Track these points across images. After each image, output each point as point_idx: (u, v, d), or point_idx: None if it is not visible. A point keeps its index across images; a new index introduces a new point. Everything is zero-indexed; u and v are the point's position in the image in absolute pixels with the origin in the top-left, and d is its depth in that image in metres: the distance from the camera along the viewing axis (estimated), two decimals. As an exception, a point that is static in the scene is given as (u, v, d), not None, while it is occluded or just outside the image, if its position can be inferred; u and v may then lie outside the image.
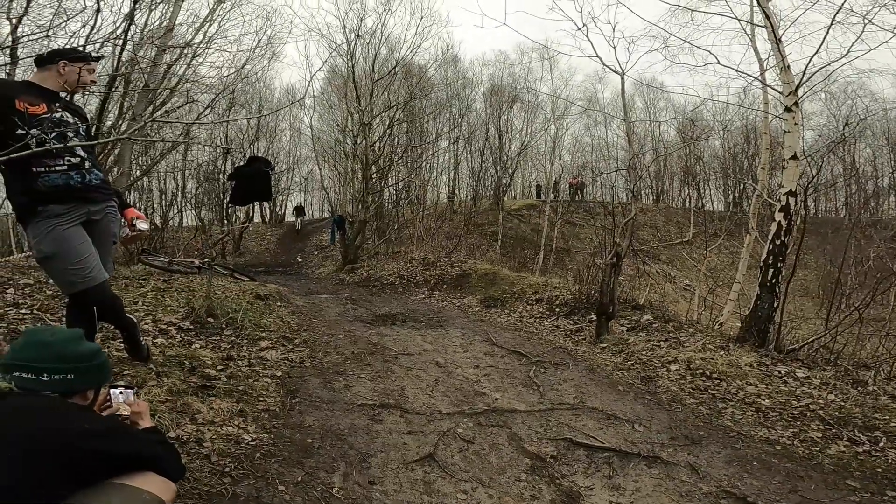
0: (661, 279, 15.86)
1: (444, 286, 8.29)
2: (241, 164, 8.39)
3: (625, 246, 5.82)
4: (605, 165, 26.71)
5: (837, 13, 5.09)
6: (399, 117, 12.41)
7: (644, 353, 4.53)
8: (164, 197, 15.92)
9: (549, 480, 2.28)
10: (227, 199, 12.46)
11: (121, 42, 5.43)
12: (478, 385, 3.47)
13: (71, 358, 1.29)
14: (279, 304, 5.93)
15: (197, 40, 6.54)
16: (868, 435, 2.91)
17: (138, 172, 9.79)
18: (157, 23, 6.22)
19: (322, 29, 11.98)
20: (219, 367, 3.20)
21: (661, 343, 4.84)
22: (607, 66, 6.54)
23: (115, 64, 5.86)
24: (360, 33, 10.65)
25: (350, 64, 10.75)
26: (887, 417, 3.15)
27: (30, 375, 1.24)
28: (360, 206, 11.58)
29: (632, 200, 10.51)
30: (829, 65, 5.67)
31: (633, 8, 6.03)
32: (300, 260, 16.12)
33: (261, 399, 2.77)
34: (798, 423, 3.09)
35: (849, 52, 5.28)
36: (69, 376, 1.28)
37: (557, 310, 6.36)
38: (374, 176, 11.73)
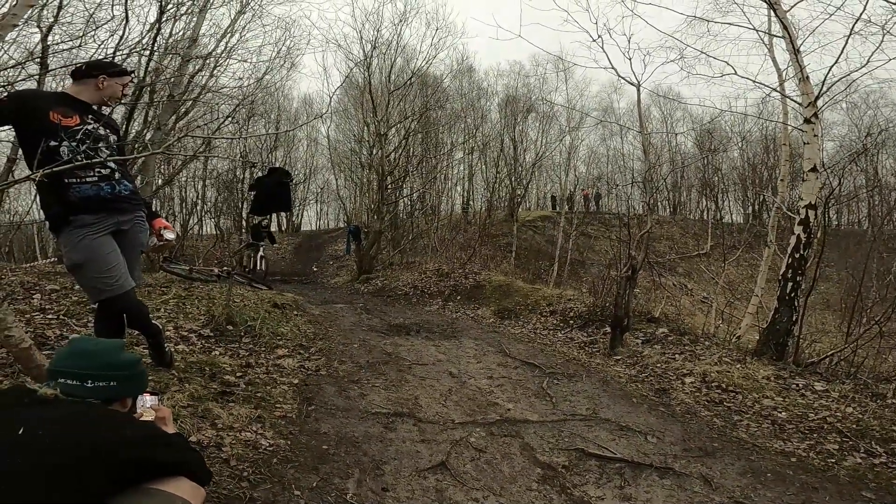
0: (678, 292, 15.66)
1: (458, 297, 8.31)
2: (262, 174, 8.60)
3: (640, 258, 5.80)
4: (621, 177, 26.59)
5: (856, 23, 5.06)
6: (414, 128, 12.56)
7: (659, 365, 4.50)
8: (184, 205, 16.29)
9: (561, 490, 2.29)
10: (248, 209, 12.68)
11: (148, 52, 5.63)
12: (491, 395, 3.49)
13: (114, 366, 1.36)
14: (296, 312, 6.02)
15: (219, 50, 6.76)
16: (885, 447, 2.88)
17: (160, 181, 10.05)
18: (182, 33, 6.44)
19: (339, 40, 12.25)
20: (238, 374, 3.28)
21: (677, 356, 4.80)
22: (623, 78, 6.61)
23: (142, 74, 6.07)
24: (376, 44, 10.87)
25: (367, 75, 10.95)
26: None
27: (74, 382, 1.29)
28: (375, 217, 11.71)
29: (647, 212, 10.43)
30: (848, 75, 5.63)
31: (649, 20, 6.08)
32: (316, 269, 16.29)
33: (278, 406, 2.84)
34: (815, 435, 3.06)
35: (868, 61, 5.24)
36: (112, 384, 1.34)
37: (571, 322, 6.34)
38: (389, 186, 11.85)
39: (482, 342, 5.21)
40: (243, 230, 17.20)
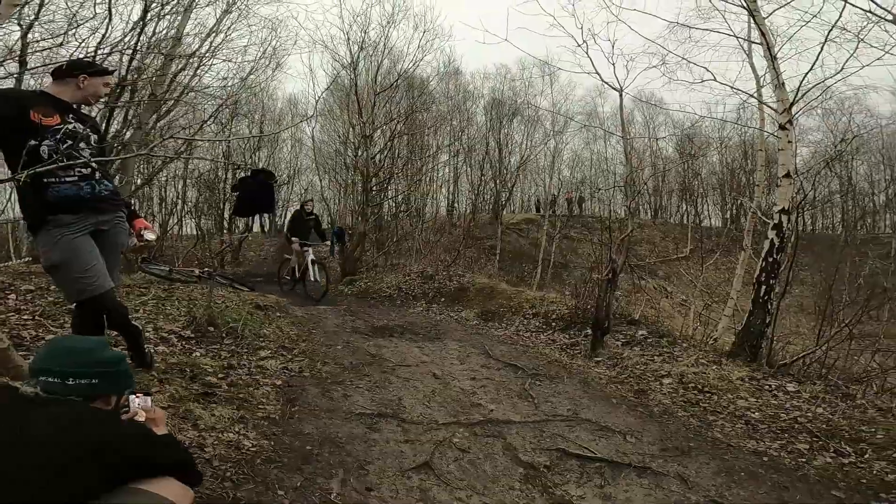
0: (658, 294, 15.94)
1: (442, 299, 8.34)
2: (245, 175, 8.47)
3: (620, 262, 5.91)
4: (604, 180, 26.95)
5: (831, 30, 5.20)
6: (400, 130, 12.55)
7: (638, 367, 4.58)
8: (163, 205, 16.01)
9: (542, 489, 2.33)
10: (231, 210, 12.45)
11: (130, 51, 5.54)
12: (474, 396, 3.53)
13: (96, 363, 1.35)
14: (278, 314, 5.98)
15: (203, 50, 6.68)
16: (854, 447, 2.97)
17: (139, 181, 9.88)
18: (165, 31, 6.36)
19: (326, 41, 12.20)
20: (219, 375, 3.26)
21: (655, 357, 4.90)
22: (606, 83, 6.74)
23: (123, 73, 5.97)
24: (363, 46, 10.83)
25: (353, 76, 10.92)
26: (874, 430, 3.21)
27: (55, 380, 1.29)
28: (359, 218, 11.68)
29: (629, 216, 10.62)
30: (823, 81, 5.79)
31: (633, 25, 6.21)
32: (299, 271, 16.13)
33: (261, 407, 2.83)
34: (786, 435, 3.15)
35: (843, 68, 5.38)
36: (93, 381, 1.33)
37: (554, 324, 6.42)
38: (374, 188, 11.83)
39: (466, 344, 5.24)
40: (225, 230, 16.99)
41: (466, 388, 3.70)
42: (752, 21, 5.88)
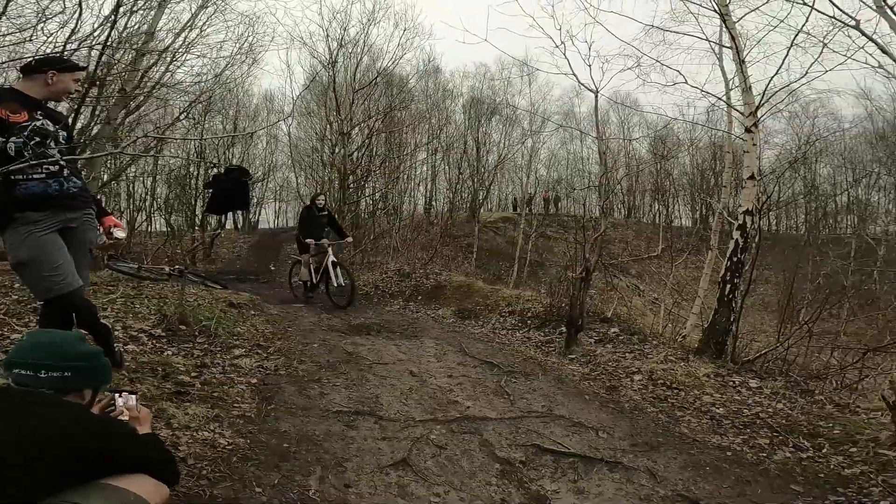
0: (630, 293, 16.30)
1: (419, 297, 8.36)
2: (219, 171, 8.27)
3: (594, 261, 6.04)
4: (580, 180, 27.36)
5: (797, 36, 5.39)
6: (378, 127, 12.50)
7: (610, 364, 4.70)
8: (132, 201, 15.54)
9: (518, 484, 2.39)
10: (204, 207, 12.13)
11: (100, 46, 5.37)
12: (451, 394, 3.57)
13: (69, 357, 1.34)
14: (253, 312, 5.92)
15: (176, 45, 6.52)
16: (812, 442, 3.10)
17: (106, 177, 9.57)
18: (137, 27, 6.18)
19: (305, 37, 12.02)
20: (193, 374, 3.23)
21: (627, 355, 5.03)
22: (582, 84, 6.86)
23: (94, 68, 5.77)
24: (342, 43, 10.74)
25: (331, 73, 10.81)
26: (831, 425, 3.36)
27: (27, 372, 1.28)
28: (336, 215, 11.58)
29: (602, 216, 10.83)
30: (788, 85, 6.01)
31: (610, 28, 6.33)
32: (274, 268, 15.91)
33: (236, 405, 2.82)
34: (748, 430, 3.28)
35: (807, 73, 5.58)
36: (66, 374, 1.32)
37: (529, 322, 6.51)
38: (351, 185, 11.76)
39: (442, 342, 5.28)
40: (196, 227, 16.59)
41: (443, 386, 3.74)
42: (723, 25, 6.05)
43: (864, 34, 3.26)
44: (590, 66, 6.67)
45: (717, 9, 5.82)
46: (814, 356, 5.88)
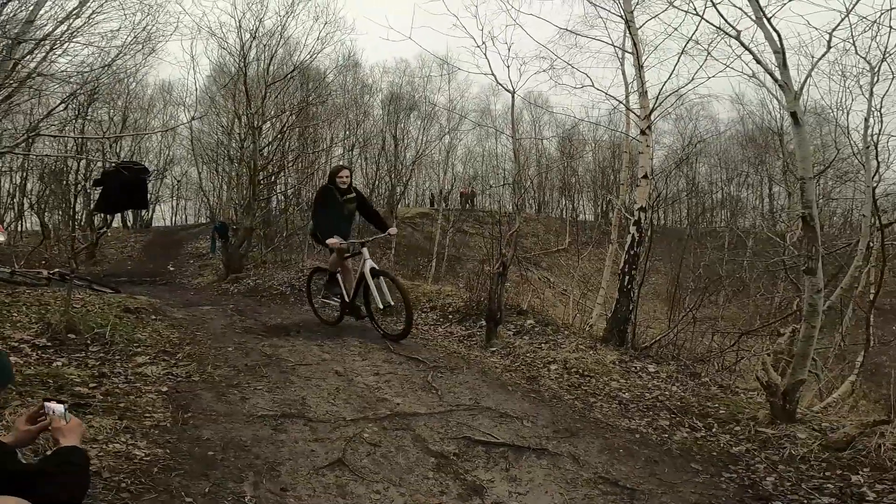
0: (542, 285, 17.22)
1: (339, 295, 8.19)
2: (111, 168, 7.39)
3: (510, 255, 6.31)
4: (495, 177, 28.25)
5: (687, 44, 5.97)
6: (292, 122, 11.96)
7: (528, 355, 4.94)
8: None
9: (455, 476, 2.47)
10: (93, 206, 10.82)
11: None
12: (379, 391, 3.56)
13: None
14: (154, 317, 5.48)
15: (58, 32, 5.72)
16: (703, 422, 3.44)
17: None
18: (13, 13, 5.35)
19: (214, 28, 11.10)
20: (91, 385, 3.00)
21: (543, 345, 5.31)
22: (500, 84, 7.12)
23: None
24: (256, 34, 10.10)
25: (242, 65, 10.15)
26: (717, 405, 3.77)
27: None
28: (245, 213, 10.94)
29: (516, 212, 11.32)
30: (678, 90, 6.69)
31: (529, 30, 6.60)
32: (172, 269, 14.71)
33: (148, 415, 2.65)
34: (651, 412, 3.60)
35: (693, 78, 6.24)
36: None
37: (450, 317, 6.64)
38: (262, 181, 11.16)
39: (366, 340, 5.22)
40: (78, 226, 14.79)
41: (371, 384, 3.72)
42: (627, 31, 6.54)
43: (742, 44, 3.72)
44: (508, 67, 6.93)
45: (623, 14, 6.30)
46: (699, 340, 6.63)
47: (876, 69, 6.07)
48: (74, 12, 5.40)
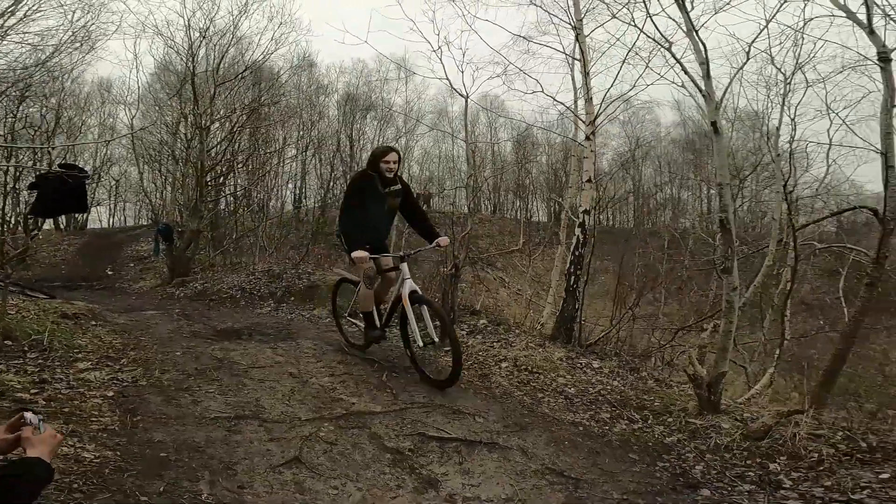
0: (497, 285, 17.56)
1: (292, 298, 8.08)
2: (46, 171, 6.93)
3: (462, 258, 6.47)
4: (450, 179, 28.46)
5: (628, 54, 6.35)
6: (242, 122, 11.63)
7: (481, 353, 5.10)
8: None
9: (410, 471, 2.57)
10: (27, 209, 10.12)
11: None
12: (334, 392, 3.61)
13: None
14: (94, 322, 5.29)
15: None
16: (640, 414, 3.69)
17: None
18: None
19: (161, 26, 10.57)
20: (33, 391, 2.93)
21: (495, 344, 5.48)
22: (455, 90, 7.28)
23: None
24: (206, 34, 9.76)
25: (190, 64, 9.79)
26: (653, 398, 4.05)
27: None
28: (191, 215, 10.56)
29: (469, 215, 11.55)
30: (621, 96, 7.10)
31: (484, 36, 6.81)
32: (111, 273, 13.96)
33: (94, 419, 2.62)
34: (594, 406, 3.83)
35: (635, 85, 6.66)
36: None
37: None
38: (210, 183, 10.80)
39: (320, 342, 5.22)
40: (5, 230, 13.74)
41: (326, 385, 3.75)
42: (576, 39, 6.88)
43: (672, 55, 4.02)
44: (462, 72, 7.10)
45: (573, 23, 6.62)
46: (640, 337, 7.03)
47: (789, 80, 6.67)
48: (10, 10, 5.12)
